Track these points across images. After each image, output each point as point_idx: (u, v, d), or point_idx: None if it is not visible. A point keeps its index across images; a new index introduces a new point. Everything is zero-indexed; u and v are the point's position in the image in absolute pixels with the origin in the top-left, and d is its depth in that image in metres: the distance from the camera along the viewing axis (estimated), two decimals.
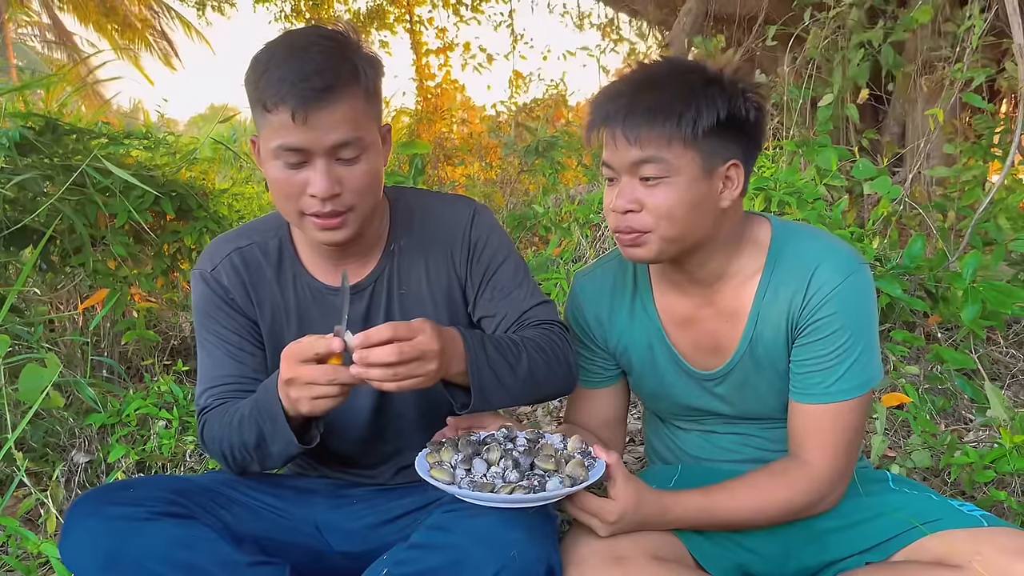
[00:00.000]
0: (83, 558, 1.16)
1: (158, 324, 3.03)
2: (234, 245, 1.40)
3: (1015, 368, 2.67)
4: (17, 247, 2.48)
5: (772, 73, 4.67)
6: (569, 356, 1.35)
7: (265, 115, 1.18)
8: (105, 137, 2.73)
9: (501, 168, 6.19)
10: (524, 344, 1.27)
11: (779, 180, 2.88)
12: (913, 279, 2.66)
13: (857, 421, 1.31)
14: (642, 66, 1.31)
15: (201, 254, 1.43)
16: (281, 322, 1.40)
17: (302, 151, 1.18)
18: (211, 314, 1.38)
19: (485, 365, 1.20)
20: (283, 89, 1.14)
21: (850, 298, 1.27)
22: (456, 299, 1.42)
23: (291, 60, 1.16)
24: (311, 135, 1.17)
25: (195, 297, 1.40)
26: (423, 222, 1.41)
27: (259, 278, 1.39)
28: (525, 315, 1.37)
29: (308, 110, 1.15)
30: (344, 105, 1.18)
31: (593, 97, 1.33)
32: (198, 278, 1.39)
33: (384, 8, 8.20)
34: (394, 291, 1.40)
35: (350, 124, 1.19)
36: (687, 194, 1.24)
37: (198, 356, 1.41)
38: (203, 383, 1.38)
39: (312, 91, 1.14)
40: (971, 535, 1.20)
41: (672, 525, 1.29)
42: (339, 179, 1.21)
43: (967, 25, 3.27)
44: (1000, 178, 3.06)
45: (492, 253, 1.40)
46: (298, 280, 1.39)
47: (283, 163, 1.20)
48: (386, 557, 1.21)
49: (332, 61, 1.18)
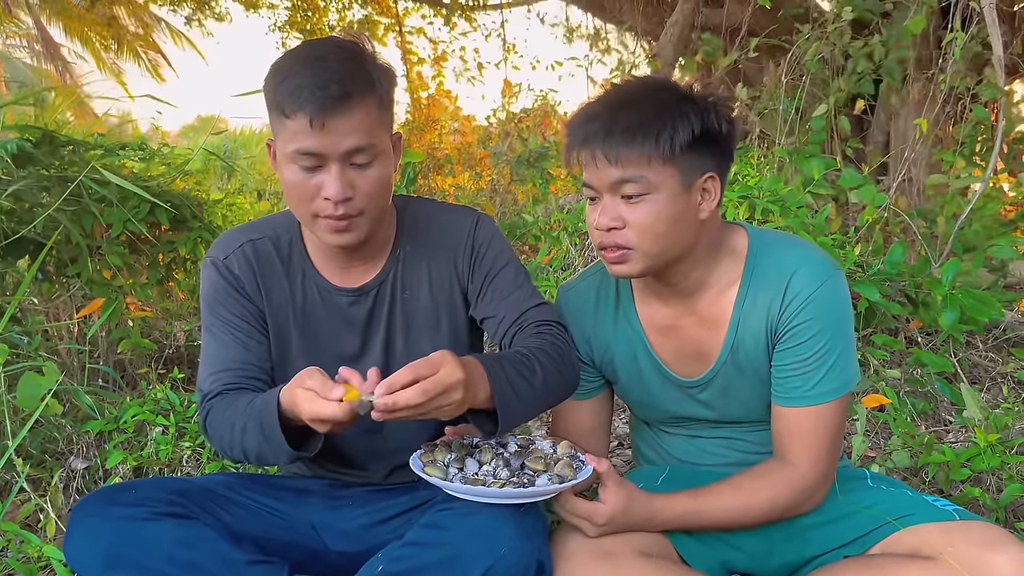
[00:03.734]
0: (87, 557, 1.19)
1: (153, 333, 3.05)
2: (247, 236, 1.42)
3: (994, 371, 2.72)
4: (14, 257, 2.51)
5: (757, 84, 4.74)
6: (572, 356, 1.37)
7: (283, 120, 1.22)
8: (101, 148, 2.76)
9: (491, 178, 6.23)
10: (535, 355, 1.28)
11: (763, 189, 2.93)
12: (894, 285, 2.71)
13: (837, 422, 1.35)
14: (616, 87, 1.35)
15: (213, 243, 1.45)
16: (287, 316, 1.42)
17: (318, 155, 1.22)
18: (221, 300, 1.39)
19: (507, 386, 1.21)
20: (302, 96, 1.18)
21: (826, 303, 1.31)
22: (456, 303, 1.45)
23: (310, 68, 1.20)
24: (327, 140, 1.21)
25: (205, 284, 1.42)
26: (428, 228, 1.44)
27: (269, 271, 1.41)
28: (524, 315, 1.39)
29: (325, 116, 1.19)
30: (360, 113, 1.23)
31: (570, 119, 1.36)
32: (210, 266, 1.41)
33: (373, 19, 8.23)
34: (398, 294, 1.43)
35: (364, 131, 1.24)
36: (668, 209, 1.28)
37: (203, 343, 1.42)
38: (208, 367, 1.38)
39: (330, 98, 1.18)
40: (943, 528, 1.24)
41: (660, 528, 1.32)
42: (351, 183, 1.24)
43: (950, 37, 3.34)
44: (981, 186, 3.13)
45: (494, 257, 1.44)
46: (307, 278, 1.42)
47: (299, 166, 1.24)
48: (381, 555, 1.24)
49: (349, 70, 1.22)
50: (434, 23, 8.27)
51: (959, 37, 3.27)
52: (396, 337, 1.43)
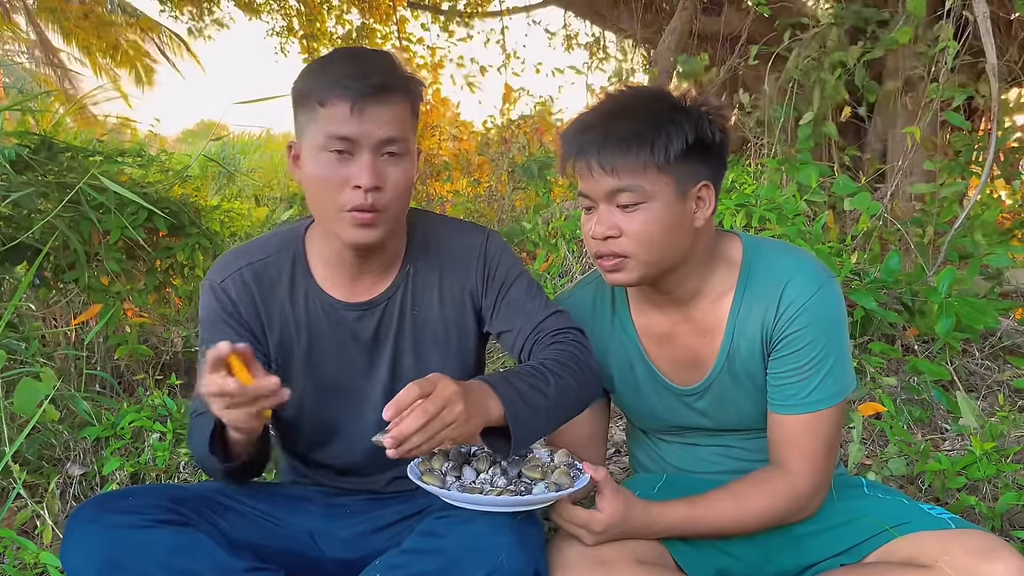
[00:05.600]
0: (83, 564, 1.18)
1: (150, 339, 3.05)
2: (246, 260, 1.42)
3: (990, 379, 2.73)
4: (12, 263, 2.51)
5: (756, 91, 4.75)
6: (591, 361, 1.36)
7: (317, 110, 1.24)
8: (99, 155, 2.76)
9: (490, 184, 6.24)
10: (546, 366, 1.28)
11: (760, 196, 2.95)
12: (890, 293, 2.72)
13: (833, 429, 1.36)
14: (610, 96, 1.36)
15: (213, 265, 1.45)
16: (291, 336, 1.41)
17: (352, 142, 1.24)
18: (215, 324, 1.40)
19: (516, 397, 1.20)
20: (343, 83, 1.22)
21: (821, 311, 1.32)
22: (467, 322, 1.45)
23: (350, 61, 1.27)
24: (364, 127, 1.23)
25: (203, 305, 1.43)
26: (439, 247, 1.44)
27: (270, 293, 1.41)
28: (540, 326, 1.39)
29: (365, 103, 1.22)
30: (395, 106, 1.26)
31: (565, 129, 1.37)
32: (207, 288, 1.42)
33: (371, 27, 8.24)
34: (407, 310, 1.42)
35: (399, 124, 1.27)
36: (664, 218, 1.29)
37: (199, 361, 1.40)
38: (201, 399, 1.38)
39: (370, 87, 1.22)
40: (939, 537, 1.24)
41: (657, 535, 1.33)
42: (382, 174, 1.26)
43: (942, 45, 3.35)
44: (976, 194, 3.14)
45: (506, 271, 1.44)
46: (309, 295, 1.41)
47: (330, 154, 1.25)
48: (378, 562, 1.24)
49: (387, 66, 1.29)
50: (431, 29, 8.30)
51: (952, 46, 3.28)
52: (404, 354, 1.43)
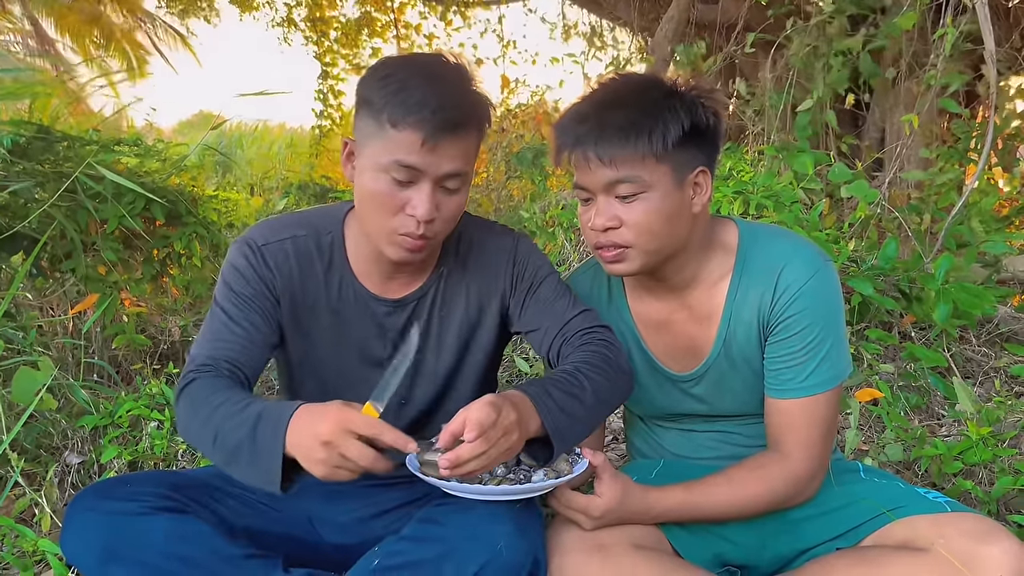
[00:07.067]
0: (83, 551, 1.19)
1: (147, 328, 3.05)
2: (292, 232, 1.38)
3: (987, 366, 2.74)
4: (8, 253, 2.51)
5: (753, 79, 4.73)
6: (621, 359, 1.35)
7: (388, 129, 1.19)
8: (96, 144, 2.75)
9: (487, 174, 6.23)
10: (580, 371, 1.27)
11: (757, 184, 2.94)
12: (888, 280, 2.73)
13: (830, 413, 1.36)
14: (603, 86, 1.34)
15: (255, 227, 1.40)
16: (317, 316, 1.39)
17: (417, 172, 1.21)
18: (247, 281, 1.34)
19: (557, 411, 1.20)
20: (422, 113, 1.17)
21: (817, 295, 1.32)
22: (490, 325, 1.44)
23: (431, 85, 1.19)
24: (431, 160, 1.20)
25: (237, 262, 1.35)
26: (470, 250, 1.44)
27: (308, 269, 1.38)
28: (568, 325, 1.38)
29: (438, 138, 1.18)
30: (466, 140, 1.23)
31: (559, 120, 1.35)
32: (244, 245, 1.36)
33: (372, 16, 8.21)
34: (435, 311, 1.42)
35: (464, 158, 1.24)
36: (663, 206, 1.29)
37: (210, 315, 1.34)
38: (210, 337, 1.31)
39: (448, 122, 1.18)
40: (934, 520, 1.25)
41: (655, 520, 1.33)
42: (438, 205, 1.24)
43: (941, 32, 3.34)
44: (973, 181, 3.14)
45: (534, 271, 1.43)
46: (344, 281, 1.40)
47: (391, 178, 1.22)
48: (378, 549, 1.25)
49: (467, 96, 1.23)
50: (429, 18, 8.25)
51: (950, 32, 3.27)
52: (427, 353, 1.43)
